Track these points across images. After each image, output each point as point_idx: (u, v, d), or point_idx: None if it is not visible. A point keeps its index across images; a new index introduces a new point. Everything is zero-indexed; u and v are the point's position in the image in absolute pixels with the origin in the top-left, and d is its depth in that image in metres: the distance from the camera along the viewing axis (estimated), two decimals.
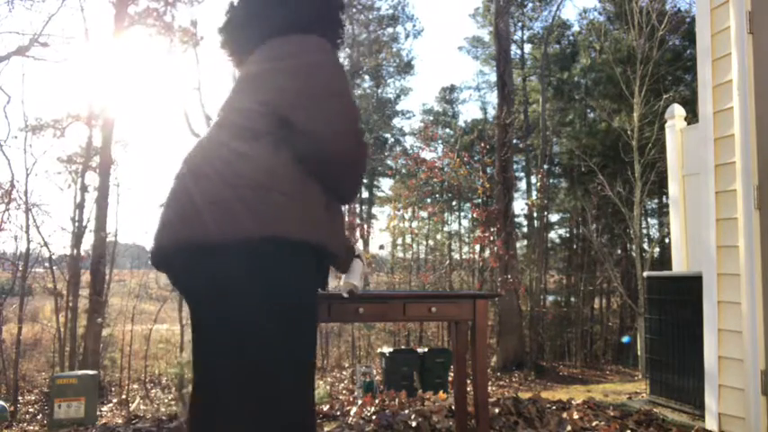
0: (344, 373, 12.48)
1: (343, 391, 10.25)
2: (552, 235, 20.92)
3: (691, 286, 3.43)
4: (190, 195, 1.36)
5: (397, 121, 23.32)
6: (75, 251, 10.48)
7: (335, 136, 1.39)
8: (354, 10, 14.91)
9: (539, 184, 16.49)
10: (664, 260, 14.34)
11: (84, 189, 10.75)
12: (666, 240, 14.16)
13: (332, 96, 1.42)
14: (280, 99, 1.41)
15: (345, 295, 1.91)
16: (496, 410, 3.10)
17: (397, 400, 3.45)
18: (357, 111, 1.48)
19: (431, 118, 22.40)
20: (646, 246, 15.49)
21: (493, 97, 21.62)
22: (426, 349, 8.07)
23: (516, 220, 16.22)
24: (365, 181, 22.78)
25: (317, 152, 1.38)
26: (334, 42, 1.61)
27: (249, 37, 1.54)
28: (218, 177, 1.35)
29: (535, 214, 17.89)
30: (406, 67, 21.83)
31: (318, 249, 1.39)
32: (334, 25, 1.62)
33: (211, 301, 1.36)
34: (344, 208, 1.93)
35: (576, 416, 3.14)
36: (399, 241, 15.19)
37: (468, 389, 2.68)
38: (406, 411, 3.09)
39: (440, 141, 18.01)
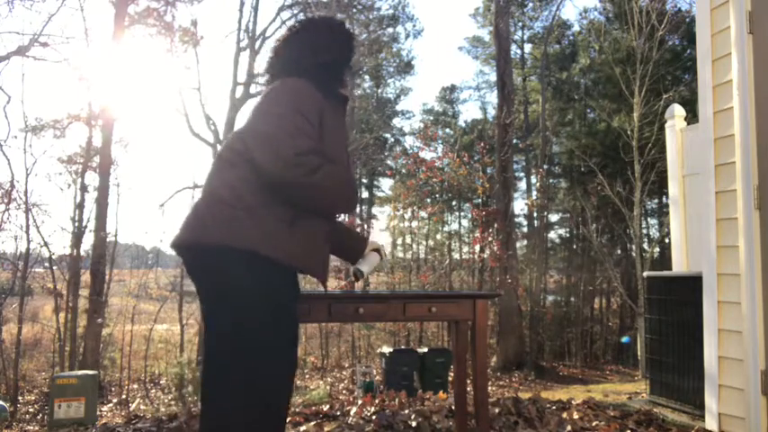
0: (344, 373, 12.46)
1: (344, 391, 10.24)
2: (552, 235, 20.93)
3: (691, 286, 3.43)
4: (192, 208, 1.73)
5: (397, 121, 23.34)
6: (75, 251, 10.45)
7: (266, 164, 1.61)
8: (354, 10, 14.89)
9: (538, 184, 16.48)
10: (664, 260, 14.33)
11: (84, 189, 10.70)
12: (666, 240, 14.15)
13: (268, 131, 1.65)
14: (246, 132, 1.72)
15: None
16: (496, 410, 3.10)
17: (397, 400, 3.45)
18: (300, 141, 1.63)
19: (431, 118, 22.42)
20: (646, 246, 15.48)
21: (493, 97, 21.65)
22: (426, 349, 8.07)
23: (516, 220, 16.22)
24: (365, 181, 22.79)
25: (263, 176, 1.63)
26: (333, 87, 1.87)
27: (278, 73, 1.88)
28: (205, 194, 1.72)
29: (535, 214, 17.89)
30: (406, 67, 21.84)
31: (266, 257, 1.60)
32: (336, 78, 1.90)
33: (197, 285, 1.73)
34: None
35: (576, 416, 3.14)
36: (399, 241, 15.21)
37: (468, 389, 2.68)
38: (406, 411, 3.09)
39: (440, 141, 17.96)
